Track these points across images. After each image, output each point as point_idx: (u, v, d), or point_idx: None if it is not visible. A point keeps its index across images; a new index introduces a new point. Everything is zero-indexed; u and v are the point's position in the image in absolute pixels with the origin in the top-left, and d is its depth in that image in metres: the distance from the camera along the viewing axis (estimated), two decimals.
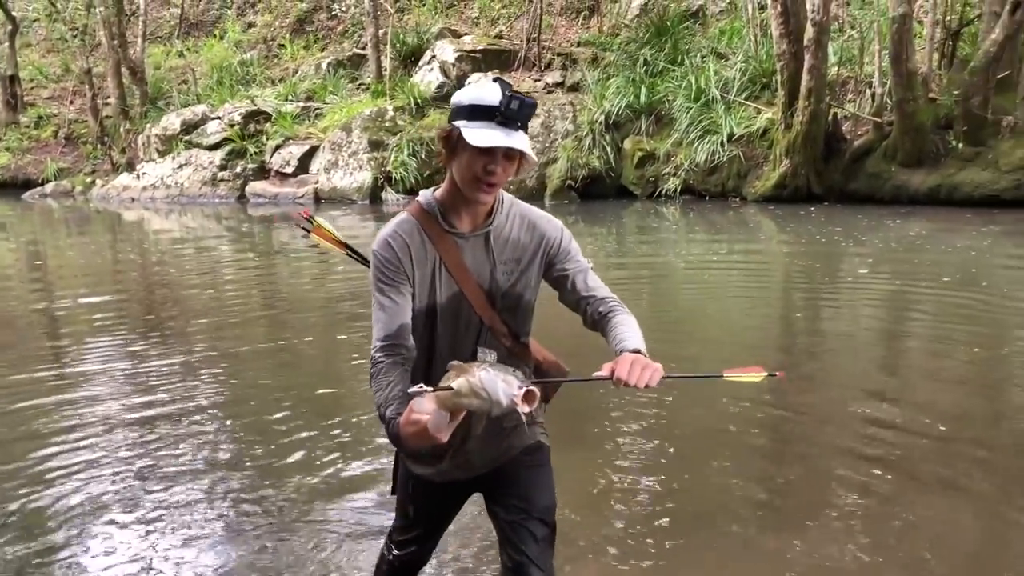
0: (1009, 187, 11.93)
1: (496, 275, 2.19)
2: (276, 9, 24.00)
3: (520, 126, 2.03)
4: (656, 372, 1.95)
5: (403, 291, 2.15)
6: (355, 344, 6.72)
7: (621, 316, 2.20)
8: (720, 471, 4.20)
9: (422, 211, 2.20)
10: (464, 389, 1.76)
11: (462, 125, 2.02)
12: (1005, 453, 4.32)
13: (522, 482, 2.37)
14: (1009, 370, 5.72)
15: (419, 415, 1.82)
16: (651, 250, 10.94)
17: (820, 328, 7.20)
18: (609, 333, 2.17)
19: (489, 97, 2.01)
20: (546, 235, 2.25)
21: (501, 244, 2.21)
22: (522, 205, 2.29)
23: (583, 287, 2.26)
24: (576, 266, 2.27)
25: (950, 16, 14.15)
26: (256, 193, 18.33)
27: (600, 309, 2.23)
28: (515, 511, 2.34)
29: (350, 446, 4.63)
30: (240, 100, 19.93)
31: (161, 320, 7.89)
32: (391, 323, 2.13)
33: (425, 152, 16.60)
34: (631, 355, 1.98)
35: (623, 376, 1.92)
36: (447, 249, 2.16)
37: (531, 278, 2.25)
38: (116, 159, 21.52)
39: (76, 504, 3.94)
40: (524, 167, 2.15)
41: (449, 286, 2.17)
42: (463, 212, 2.18)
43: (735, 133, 14.27)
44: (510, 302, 2.23)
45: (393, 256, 2.14)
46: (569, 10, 20.25)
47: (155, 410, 5.27)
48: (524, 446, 2.38)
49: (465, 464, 2.31)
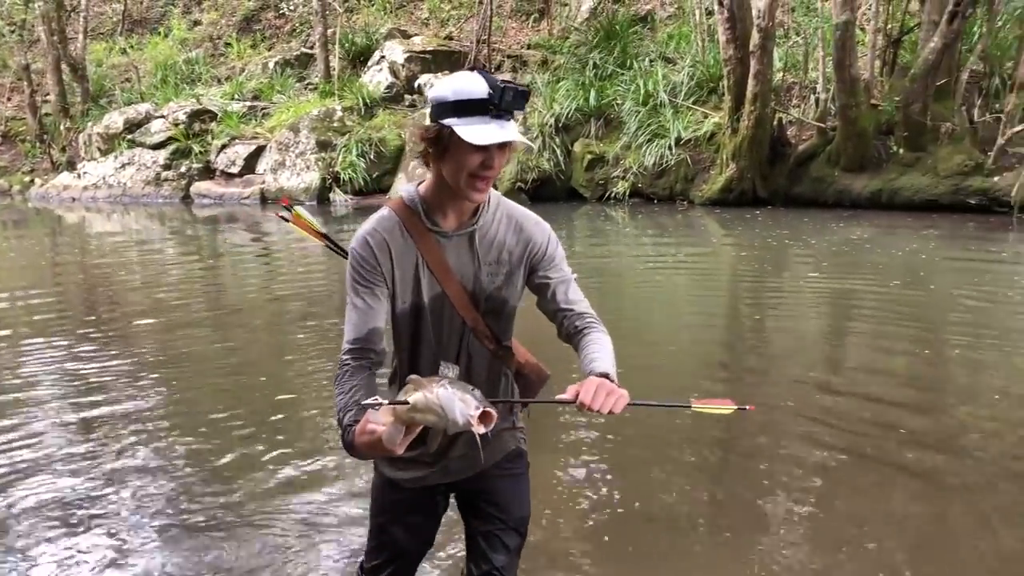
0: (947, 192, 12.22)
1: (480, 276, 2.13)
2: (223, 7, 23.67)
3: (510, 117, 1.95)
4: (621, 399, 1.91)
5: (377, 293, 2.08)
6: (300, 345, 6.65)
7: (595, 335, 2.15)
8: (670, 473, 4.23)
9: (405, 207, 2.12)
10: (420, 404, 1.73)
11: (454, 123, 1.92)
12: (947, 446, 4.42)
13: (500, 491, 2.33)
14: (950, 366, 5.85)
15: (374, 425, 1.78)
16: (601, 252, 10.99)
17: (766, 326, 7.30)
18: (581, 351, 2.12)
19: (477, 90, 1.92)
20: (532, 239, 2.18)
21: (486, 245, 2.14)
22: (510, 204, 2.22)
23: (563, 299, 2.20)
24: (559, 275, 2.21)
25: (891, 24, 14.46)
26: (201, 193, 18.04)
27: (576, 324, 2.18)
28: (491, 520, 2.32)
29: (295, 446, 4.58)
30: (185, 99, 19.60)
31: (103, 321, 7.71)
32: (362, 326, 2.07)
33: (374, 153, 16.50)
34: (597, 379, 1.94)
35: (587, 401, 1.89)
36: (429, 248, 2.09)
37: (516, 281, 2.19)
38: (56, 158, 21.00)
39: (17, 507, 3.85)
40: (511, 153, 2.09)
41: (432, 287, 2.11)
42: (448, 210, 2.11)
43: (683, 137, 14.41)
44: (494, 305, 2.17)
45: (370, 255, 2.07)
46: (519, 12, 20.30)
47: (97, 411, 5.16)
48: (505, 452, 2.34)
49: (442, 470, 2.27)
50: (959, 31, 12.12)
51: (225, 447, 4.60)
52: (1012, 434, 4.62)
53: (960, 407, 5.08)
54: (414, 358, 2.17)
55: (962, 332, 6.69)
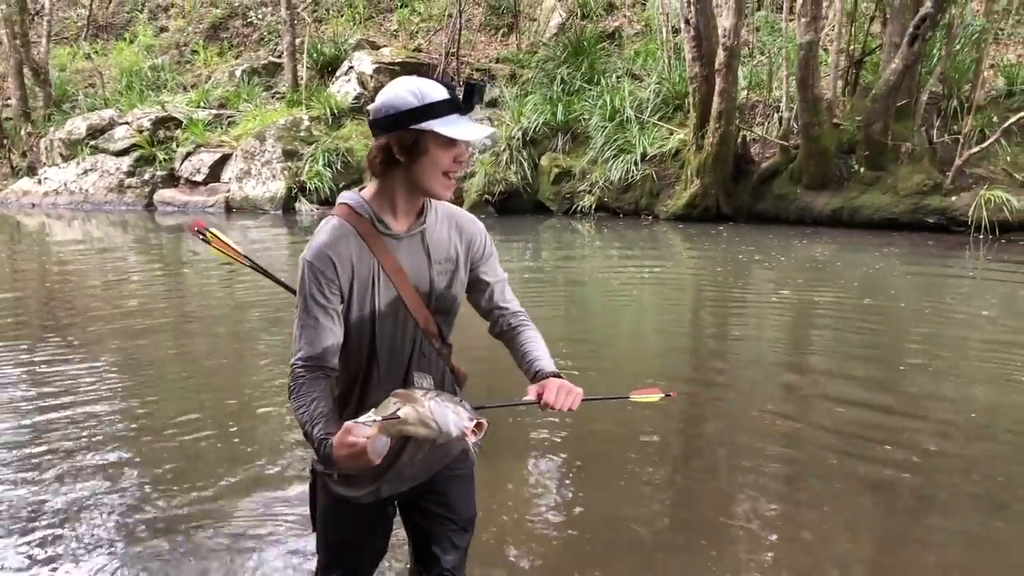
0: (906, 211, 12.42)
1: (432, 275, 2.16)
2: (190, 14, 23.48)
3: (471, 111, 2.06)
4: (577, 396, 2.10)
5: (332, 312, 2.06)
6: (262, 353, 6.62)
7: (530, 332, 2.30)
8: (630, 482, 4.26)
9: (354, 214, 2.12)
10: (412, 419, 1.78)
11: (434, 125, 1.97)
12: (906, 457, 4.49)
13: (448, 492, 2.36)
14: (908, 377, 5.95)
15: (356, 438, 1.79)
16: (566, 264, 11.04)
17: (728, 340, 7.37)
18: (519, 348, 2.27)
19: (437, 92, 1.99)
20: (473, 236, 2.25)
21: (435, 244, 2.17)
22: (446, 205, 2.26)
23: (500, 298, 2.32)
24: (496, 276, 2.31)
25: (854, 45, 14.71)
26: (165, 201, 17.84)
27: (511, 322, 2.31)
28: (440, 521, 2.35)
29: (252, 451, 4.56)
30: (150, 105, 19.39)
31: (61, 327, 7.61)
32: (316, 343, 2.05)
33: (341, 163, 16.45)
34: (556, 380, 2.11)
35: (550, 401, 2.07)
36: (383, 253, 2.10)
37: (461, 278, 2.24)
38: (16, 163, 20.66)
39: None
40: None
41: (387, 291, 2.11)
42: (399, 213, 2.13)
43: (648, 153, 14.52)
44: (444, 304, 2.21)
45: (329, 269, 2.05)
46: (488, 26, 20.37)
47: (53, 415, 5.13)
48: (455, 453, 2.37)
49: (395, 478, 2.27)
50: (919, 53, 12.36)
51: (181, 452, 4.58)
52: (966, 443, 4.72)
53: (918, 417, 5.17)
54: (370, 363, 2.17)
55: (920, 344, 6.82)
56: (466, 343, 2.53)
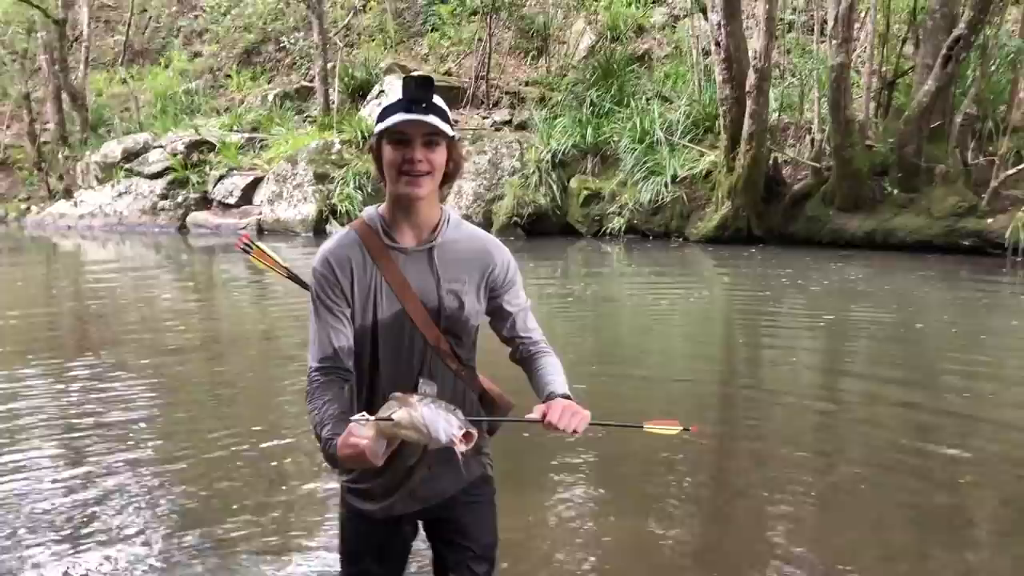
0: (941, 233, 12.27)
1: (441, 293, 2.14)
2: (223, 39, 23.83)
3: (427, 109, 2.02)
4: (584, 419, 2.04)
5: (339, 313, 2.11)
6: (293, 372, 6.64)
7: (549, 359, 2.26)
8: (659, 506, 4.20)
9: (364, 226, 2.17)
10: (405, 422, 1.79)
11: (377, 128, 2.06)
12: (945, 479, 4.40)
13: (467, 519, 2.33)
14: (947, 399, 5.84)
15: (357, 439, 1.80)
16: (596, 287, 11.00)
17: (760, 363, 7.29)
18: (536, 372, 2.24)
19: (394, 95, 2.06)
20: (494, 261, 2.22)
21: (446, 262, 2.16)
22: (470, 227, 2.26)
23: (522, 327, 2.29)
24: (519, 304, 2.28)
25: (886, 67, 14.62)
26: (198, 223, 18.05)
27: (531, 349, 2.29)
28: (458, 549, 2.31)
29: (280, 474, 4.55)
30: (184, 129, 19.66)
31: (95, 347, 7.68)
32: (327, 345, 2.09)
33: (371, 185, 16.55)
34: (563, 401, 2.06)
35: (554, 421, 2.01)
36: (387, 264, 2.12)
37: (475, 300, 2.21)
38: (53, 186, 21.03)
39: (8, 528, 3.82)
40: (459, 162, 2.14)
41: (391, 303, 2.12)
42: (405, 225, 2.14)
43: (679, 175, 14.48)
44: (455, 324, 2.18)
45: (331, 274, 2.11)
46: (518, 50, 20.47)
47: (88, 434, 5.13)
48: (472, 479, 2.32)
49: (409, 496, 2.25)
50: (953, 74, 12.26)
51: (215, 473, 4.59)
52: (1005, 473, 4.61)
53: (956, 446, 5.06)
54: (373, 376, 2.17)
55: (957, 369, 6.70)
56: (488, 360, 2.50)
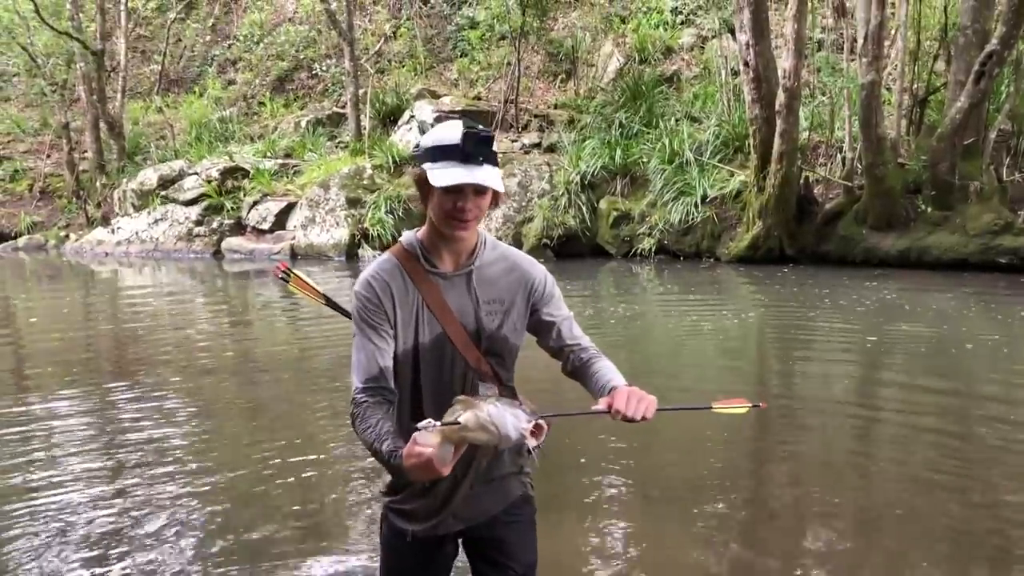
0: (976, 251, 12.14)
1: (480, 315, 2.18)
2: (256, 67, 24.21)
3: (483, 160, 2.03)
4: (651, 404, 2.01)
5: (383, 334, 2.13)
6: (325, 394, 6.70)
7: (603, 362, 2.25)
8: (692, 534, 4.18)
9: (404, 251, 2.20)
10: (472, 423, 1.77)
11: (428, 167, 2.04)
12: (985, 501, 4.34)
13: (509, 539, 2.35)
14: (987, 425, 5.76)
15: (422, 448, 1.79)
16: (627, 308, 10.98)
17: (795, 380, 7.23)
18: (592, 376, 2.22)
19: (450, 137, 2.03)
20: (531, 278, 2.25)
21: (484, 285, 2.19)
22: (505, 247, 2.29)
23: (568, 335, 2.29)
24: (561, 314, 2.30)
25: (917, 84, 14.53)
26: (232, 249, 18.28)
27: (582, 356, 2.28)
28: (501, 568, 2.33)
29: (312, 497, 4.58)
30: (218, 156, 19.95)
31: (130, 372, 7.80)
32: (371, 367, 2.11)
33: (402, 210, 16.67)
34: (627, 388, 2.03)
35: (621, 408, 1.98)
36: (429, 289, 2.15)
37: (515, 321, 2.24)
38: (91, 213, 21.41)
39: (50, 540, 3.89)
40: (500, 200, 2.16)
41: (432, 327, 2.15)
42: (444, 252, 2.18)
43: (708, 195, 14.46)
44: (495, 344, 2.21)
45: (374, 296, 2.13)
46: (546, 73, 20.59)
47: (126, 454, 5.21)
48: (513, 499, 2.35)
49: (452, 516, 2.27)
50: (986, 91, 12.16)
51: (248, 495, 4.64)
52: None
53: (997, 464, 4.99)
54: (416, 400, 2.19)
55: (995, 387, 6.62)
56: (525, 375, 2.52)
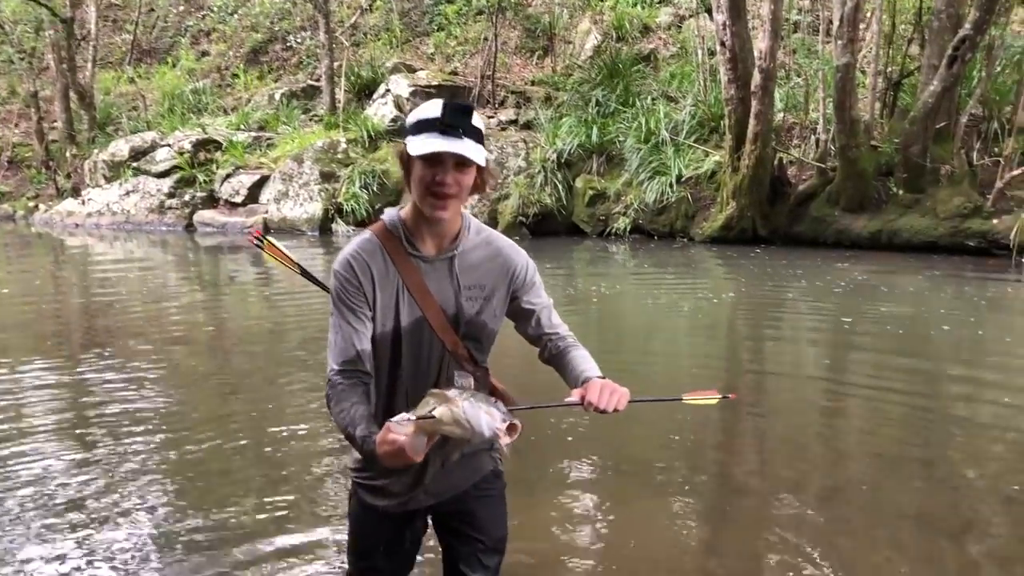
0: (946, 233, 12.28)
1: (461, 301, 2.17)
2: (231, 39, 23.90)
3: (464, 133, 2.01)
4: (623, 396, 2.05)
5: (361, 316, 2.11)
6: (298, 369, 6.68)
7: (579, 351, 2.28)
8: (661, 512, 4.23)
9: (386, 231, 2.17)
10: (446, 418, 1.79)
11: (409, 139, 2.04)
12: (946, 483, 4.42)
13: (479, 513, 2.37)
14: (952, 406, 5.87)
15: (396, 436, 1.80)
16: (602, 286, 11.02)
17: (765, 361, 7.31)
18: (568, 365, 2.24)
19: (431, 111, 2.05)
20: (513, 265, 2.25)
21: (466, 270, 2.18)
22: (490, 231, 2.28)
23: (547, 324, 2.31)
24: (541, 302, 2.31)
25: (891, 67, 14.62)
26: (204, 222, 18.12)
27: (559, 345, 2.30)
28: (471, 542, 2.35)
29: (282, 469, 4.59)
30: (191, 128, 19.73)
31: (100, 343, 7.74)
32: (348, 349, 2.10)
33: (377, 184, 16.60)
34: (600, 381, 2.08)
35: (594, 400, 2.02)
36: (409, 272, 2.14)
37: (496, 307, 2.24)
38: (61, 184, 21.13)
39: (14, 513, 3.89)
40: (487, 180, 2.14)
41: (412, 310, 2.14)
42: (427, 235, 2.16)
43: (684, 175, 14.50)
44: (474, 329, 2.21)
45: (353, 277, 2.11)
46: (523, 49, 20.50)
47: (94, 426, 5.20)
48: (484, 473, 2.37)
49: (423, 492, 2.29)
50: (959, 75, 12.25)
51: (217, 468, 4.64)
52: (1006, 470, 4.64)
53: (958, 443, 5.09)
54: (392, 382, 2.19)
55: (961, 369, 6.73)
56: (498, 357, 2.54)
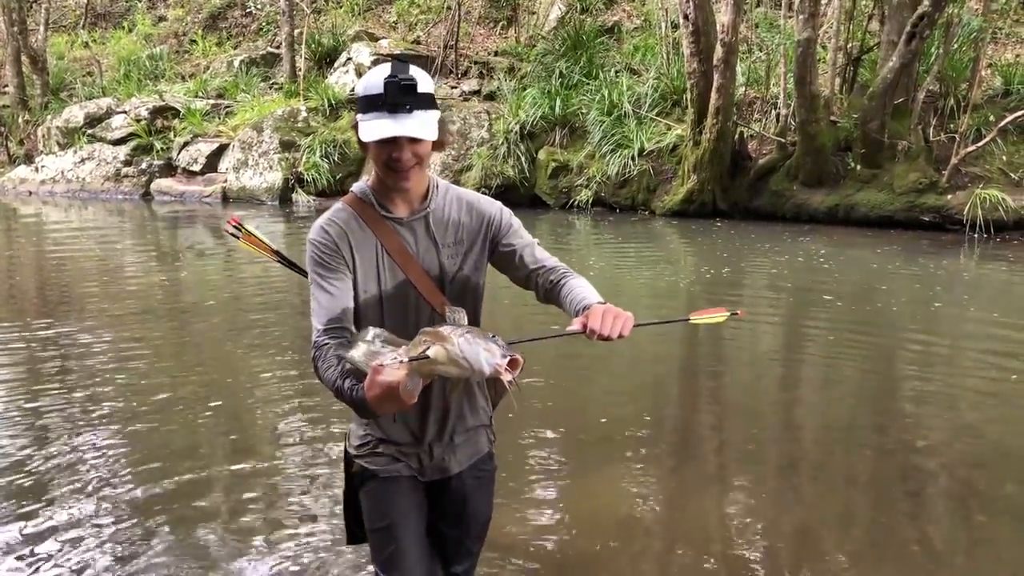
0: (902, 208, 12.46)
1: (442, 259, 2.15)
2: (188, 4, 23.43)
3: (411, 107, 1.95)
4: (628, 320, 1.93)
5: (342, 275, 2.07)
6: (254, 328, 6.66)
7: (576, 279, 2.18)
8: (619, 487, 4.30)
9: (356, 199, 2.15)
10: (442, 358, 1.69)
11: (359, 119, 2.00)
12: (903, 450, 4.54)
13: (474, 495, 2.34)
14: (903, 378, 6.00)
15: (386, 378, 1.69)
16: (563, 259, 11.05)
17: (723, 337, 7.41)
18: (566, 296, 2.13)
19: (375, 84, 1.96)
20: (487, 213, 2.22)
21: (442, 227, 2.16)
22: (459, 189, 2.26)
23: (531, 260, 2.24)
24: (522, 241, 2.25)
25: (852, 43, 14.73)
26: (162, 191, 17.84)
27: (551, 278, 2.21)
28: (458, 524, 2.34)
29: (243, 436, 4.59)
30: (148, 95, 19.37)
31: (55, 313, 7.63)
32: (333, 307, 2.04)
33: (338, 154, 16.45)
34: (601, 306, 1.95)
35: (596, 327, 1.90)
36: (386, 234, 2.11)
37: (477, 259, 2.21)
38: (13, 151, 20.64)
39: None
40: (445, 140, 2.10)
41: (394, 274, 2.11)
42: (397, 198, 2.13)
43: (646, 148, 14.53)
44: (459, 286, 2.18)
45: (330, 240, 2.07)
46: (487, 19, 20.35)
47: (48, 399, 5.14)
48: (482, 453, 2.35)
49: (439, 464, 2.25)
50: (917, 52, 12.39)
51: (175, 435, 4.63)
52: (954, 440, 4.77)
53: (908, 414, 5.22)
54: None
55: (913, 342, 6.88)
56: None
